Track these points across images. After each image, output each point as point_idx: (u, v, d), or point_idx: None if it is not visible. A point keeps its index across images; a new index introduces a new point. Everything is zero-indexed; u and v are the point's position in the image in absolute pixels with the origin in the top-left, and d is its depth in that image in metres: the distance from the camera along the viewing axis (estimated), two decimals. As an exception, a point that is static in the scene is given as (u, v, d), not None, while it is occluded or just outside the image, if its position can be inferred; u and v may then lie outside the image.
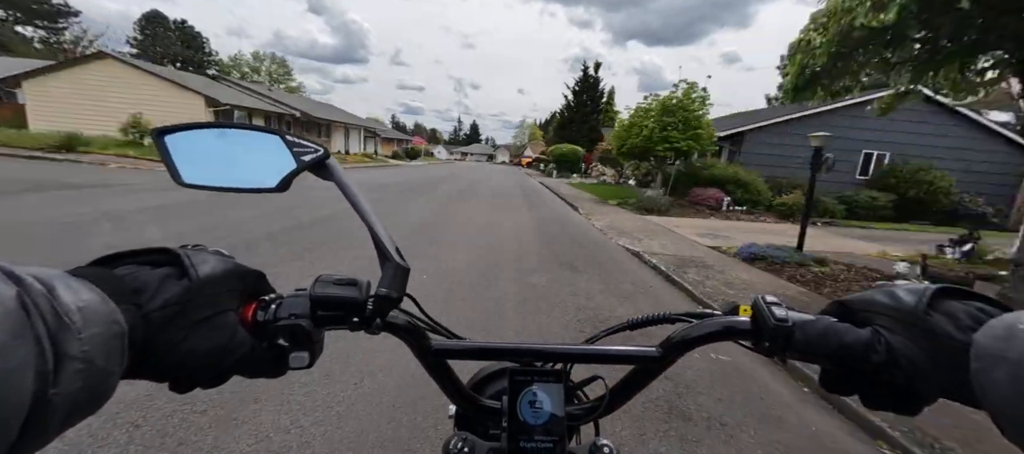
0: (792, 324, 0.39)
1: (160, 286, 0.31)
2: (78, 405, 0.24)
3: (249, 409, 1.96)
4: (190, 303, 0.32)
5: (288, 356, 0.38)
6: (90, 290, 0.26)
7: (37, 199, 6.43)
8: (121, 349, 0.26)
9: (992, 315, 0.31)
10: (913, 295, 0.34)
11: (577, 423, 0.53)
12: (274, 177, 0.42)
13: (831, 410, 2.48)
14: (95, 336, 0.24)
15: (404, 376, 2.32)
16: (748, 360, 2.91)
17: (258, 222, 5.88)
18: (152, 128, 0.40)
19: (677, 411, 2.28)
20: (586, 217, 9.99)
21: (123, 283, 0.30)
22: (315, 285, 0.39)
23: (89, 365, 0.23)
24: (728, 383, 2.64)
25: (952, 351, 0.31)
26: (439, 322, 0.52)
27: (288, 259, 4.45)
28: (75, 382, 0.23)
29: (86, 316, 0.24)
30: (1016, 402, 0.25)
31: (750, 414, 2.33)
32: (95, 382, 0.24)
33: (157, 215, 5.97)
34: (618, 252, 6.48)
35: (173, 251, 0.34)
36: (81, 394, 0.23)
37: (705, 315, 0.48)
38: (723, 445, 2.06)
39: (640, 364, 0.49)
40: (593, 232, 7.97)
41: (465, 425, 0.57)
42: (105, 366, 0.25)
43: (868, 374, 0.36)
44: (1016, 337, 0.26)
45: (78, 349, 0.23)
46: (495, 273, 4.64)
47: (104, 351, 0.25)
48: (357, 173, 18.73)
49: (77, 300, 0.24)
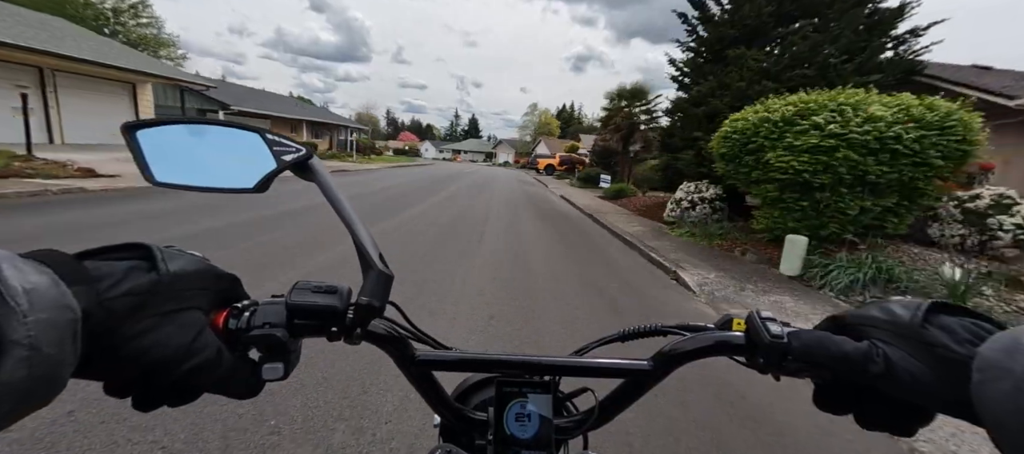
0: (787, 338, 0.38)
1: (125, 276, 0.29)
2: (24, 395, 0.22)
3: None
4: (156, 296, 0.30)
5: (261, 368, 0.36)
6: (40, 272, 0.24)
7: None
8: (73, 337, 0.24)
9: (988, 330, 0.31)
10: (908, 309, 0.34)
11: (566, 436, 0.51)
12: (253, 177, 0.40)
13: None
14: (43, 321, 0.22)
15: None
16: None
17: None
18: (122, 123, 0.38)
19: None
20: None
21: (81, 268, 0.28)
22: (293, 292, 0.37)
23: (35, 352, 0.22)
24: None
25: (951, 364, 0.31)
26: (424, 331, 0.51)
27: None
28: (20, 370, 0.21)
29: (33, 299, 0.22)
30: (1018, 416, 0.25)
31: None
32: (43, 371, 0.22)
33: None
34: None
35: (146, 246, 0.32)
36: (27, 383, 0.22)
37: (698, 329, 0.47)
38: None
39: (631, 377, 0.48)
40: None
41: (450, 436, 0.55)
42: (54, 353, 0.23)
43: (865, 388, 0.35)
44: (1020, 351, 0.26)
45: (23, 334, 0.21)
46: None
47: (53, 337, 0.23)
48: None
49: (24, 281, 0.22)
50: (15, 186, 6.38)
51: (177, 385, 0.32)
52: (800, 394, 2.17)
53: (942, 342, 0.31)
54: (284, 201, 7.10)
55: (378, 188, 11.99)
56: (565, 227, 8.21)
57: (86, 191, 6.96)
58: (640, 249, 6.33)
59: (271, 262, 4.04)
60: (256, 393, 0.37)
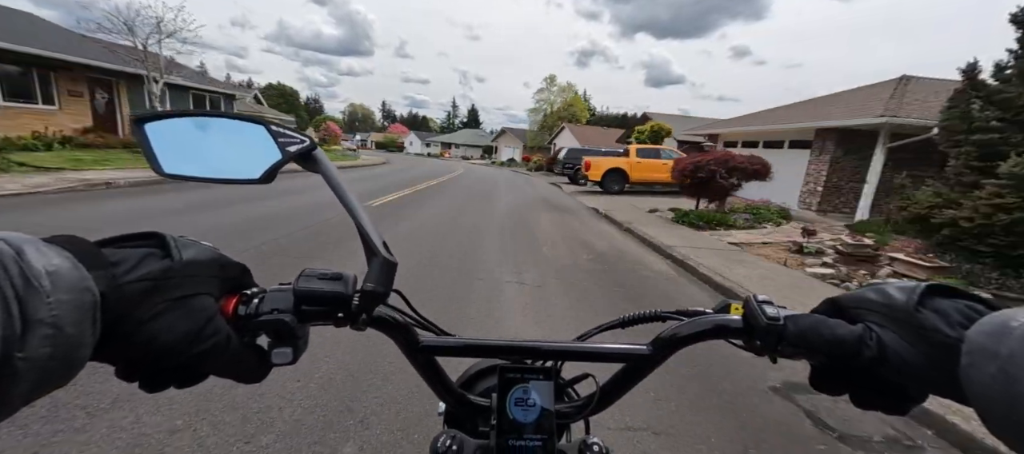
0: (783, 322, 0.38)
1: (140, 262, 0.31)
2: (46, 374, 0.23)
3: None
4: (169, 281, 0.31)
5: (271, 353, 0.37)
6: (61, 255, 0.25)
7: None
8: (93, 318, 0.26)
9: (980, 312, 0.31)
10: (904, 292, 0.34)
11: (567, 421, 0.52)
12: (258, 168, 0.41)
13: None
14: (65, 302, 0.23)
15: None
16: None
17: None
18: (131, 115, 0.39)
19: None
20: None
21: (98, 253, 0.29)
22: (299, 279, 0.38)
23: (58, 331, 0.23)
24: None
25: (942, 347, 0.31)
26: (428, 318, 0.52)
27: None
28: (43, 348, 0.22)
29: (55, 281, 0.23)
30: (1004, 397, 0.25)
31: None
32: (65, 350, 0.23)
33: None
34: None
35: (160, 235, 0.33)
36: (49, 362, 0.23)
37: (696, 313, 0.47)
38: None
39: (631, 362, 0.49)
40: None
41: (454, 423, 0.56)
42: (75, 334, 0.24)
43: (859, 371, 0.36)
44: (1007, 334, 0.26)
45: (47, 313, 0.22)
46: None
47: (74, 318, 0.24)
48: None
49: (47, 264, 0.24)
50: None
51: (186, 367, 0.33)
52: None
53: (934, 325, 0.32)
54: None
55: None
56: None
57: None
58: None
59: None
60: (262, 378, 0.38)
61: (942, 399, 0.33)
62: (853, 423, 2.21)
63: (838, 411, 2.29)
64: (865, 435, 2.15)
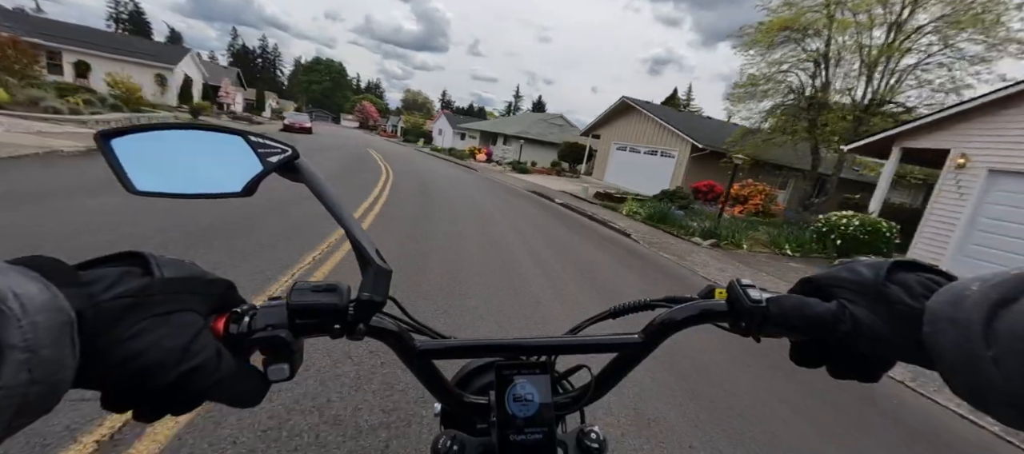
0: (766, 304, 0.41)
1: (118, 279, 0.29)
2: (27, 401, 0.21)
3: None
4: (150, 297, 0.30)
5: (267, 371, 0.36)
6: (27, 276, 0.24)
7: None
8: (71, 339, 0.24)
9: (939, 283, 0.34)
10: (872, 269, 0.37)
11: (564, 412, 0.54)
12: (238, 181, 0.39)
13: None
14: (38, 324, 0.22)
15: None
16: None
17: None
18: (96, 133, 0.36)
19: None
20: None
21: (70, 271, 0.27)
22: (292, 293, 0.37)
23: (33, 355, 0.21)
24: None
25: (907, 317, 0.33)
26: (422, 322, 0.52)
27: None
28: (20, 374, 0.21)
29: (25, 303, 0.22)
30: (963, 360, 0.27)
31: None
32: (44, 374, 0.22)
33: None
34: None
35: (140, 253, 0.32)
36: (30, 388, 0.21)
37: (683, 300, 0.49)
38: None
39: (623, 351, 0.50)
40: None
41: (451, 422, 0.57)
42: (53, 357, 0.23)
43: (835, 345, 0.38)
44: (963, 302, 0.28)
45: (19, 337, 0.21)
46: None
47: (50, 339, 0.23)
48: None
49: (12, 285, 0.22)
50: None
51: (178, 388, 0.30)
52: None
53: (899, 297, 0.34)
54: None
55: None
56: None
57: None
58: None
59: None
60: (259, 400, 0.36)
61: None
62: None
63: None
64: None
